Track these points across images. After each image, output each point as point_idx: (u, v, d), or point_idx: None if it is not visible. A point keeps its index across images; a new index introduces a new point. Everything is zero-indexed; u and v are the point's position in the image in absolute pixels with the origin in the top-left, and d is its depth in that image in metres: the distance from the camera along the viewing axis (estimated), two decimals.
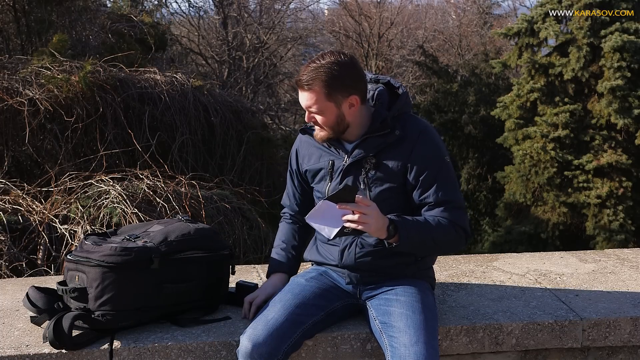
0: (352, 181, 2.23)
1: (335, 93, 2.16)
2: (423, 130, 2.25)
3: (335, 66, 2.15)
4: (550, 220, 11.80)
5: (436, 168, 2.22)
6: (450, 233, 2.20)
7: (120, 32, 7.58)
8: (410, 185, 2.23)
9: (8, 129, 5.21)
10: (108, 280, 2.19)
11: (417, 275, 2.34)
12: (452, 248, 2.30)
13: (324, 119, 2.20)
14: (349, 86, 2.18)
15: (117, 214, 4.03)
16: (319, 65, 2.15)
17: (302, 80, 2.16)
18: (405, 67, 21.09)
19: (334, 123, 2.20)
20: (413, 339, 2.08)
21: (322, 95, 2.15)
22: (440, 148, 2.26)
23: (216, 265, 2.44)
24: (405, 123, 2.24)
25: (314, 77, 2.14)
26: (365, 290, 2.33)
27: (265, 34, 16.71)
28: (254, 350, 2.07)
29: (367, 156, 2.23)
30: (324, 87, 2.14)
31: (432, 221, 2.18)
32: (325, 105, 2.17)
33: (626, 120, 11.29)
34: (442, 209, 2.20)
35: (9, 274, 3.72)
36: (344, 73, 2.16)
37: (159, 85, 6.02)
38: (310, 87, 2.15)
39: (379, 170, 2.23)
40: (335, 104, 2.18)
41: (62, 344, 2.12)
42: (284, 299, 2.23)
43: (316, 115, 2.20)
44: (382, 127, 2.21)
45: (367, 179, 2.23)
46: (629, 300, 2.59)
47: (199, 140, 6.16)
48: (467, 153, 15.22)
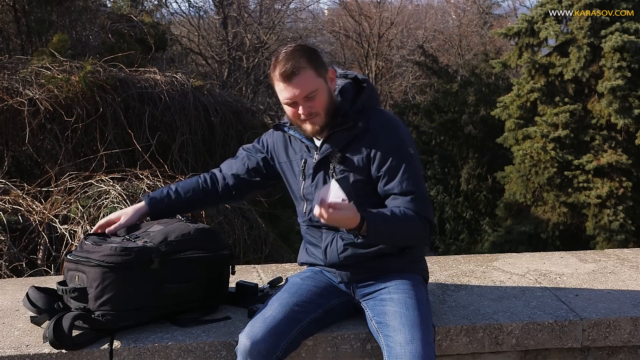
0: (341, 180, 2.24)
1: (320, 67, 2.20)
2: (386, 122, 2.25)
3: (305, 47, 2.22)
4: (550, 220, 11.81)
5: (399, 159, 2.21)
6: (416, 224, 2.19)
7: (120, 32, 7.58)
8: (375, 177, 2.24)
9: (8, 129, 5.20)
10: (108, 280, 2.19)
11: (409, 268, 2.33)
12: (419, 239, 2.29)
13: (320, 100, 2.19)
14: (323, 62, 2.23)
15: None
16: (292, 51, 2.18)
17: (287, 69, 2.14)
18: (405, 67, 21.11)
19: (328, 102, 2.21)
20: (408, 337, 2.09)
21: (313, 73, 2.16)
22: (404, 140, 2.25)
23: (216, 265, 2.44)
24: (369, 116, 2.25)
25: (298, 60, 2.15)
26: (359, 288, 2.33)
27: (265, 34, 16.72)
28: (253, 347, 2.08)
29: (333, 151, 2.24)
30: (311, 64, 2.16)
31: (399, 212, 2.18)
32: (317, 83, 2.17)
33: (626, 120, 11.30)
34: (406, 200, 2.20)
35: (9, 274, 3.72)
36: (314, 50, 2.24)
37: (159, 85, 6.02)
38: (300, 69, 2.14)
39: (344, 164, 2.24)
40: (324, 80, 2.20)
41: (62, 344, 2.12)
42: (281, 298, 2.24)
43: (311, 100, 2.18)
44: (345, 121, 2.22)
45: (335, 174, 2.25)
46: (629, 300, 2.59)
47: (199, 140, 6.16)
48: (467, 153, 15.23)
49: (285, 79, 2.15)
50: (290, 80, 2.15)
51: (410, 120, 16.33)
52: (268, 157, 2.47)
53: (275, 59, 2.19)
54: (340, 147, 2.23)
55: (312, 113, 2.19)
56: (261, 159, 2.49)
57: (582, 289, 2.72)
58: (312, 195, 2.29)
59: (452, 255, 3.34)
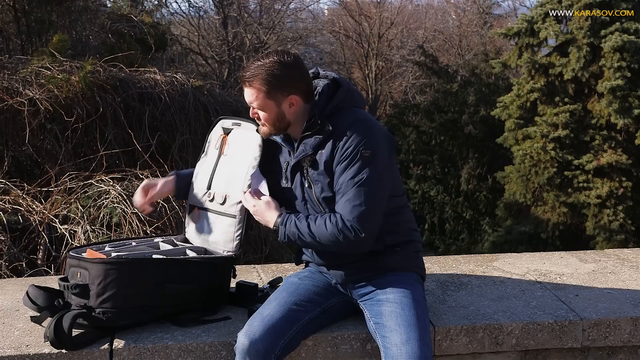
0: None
1: (275, 92, 2.20)
2: (352, 123, 2.21)
3: (276, 65, 2.18)
4: (550, 220, 11.81)
5: (350, 158, 2.17)
6: (329, 232, 2.15)
7: (120, 32, 7.57)
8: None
9: (8, 129, 5.20)
10: (110, 277, 2.19)
11: (404, 266, 2.32)
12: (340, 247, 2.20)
13: (265, 115, 2.24)
14: (289, 86, 2.20)
15: (117, 214, 4.04)
16: (262, 64, 2.19)
17: (244, 76, 2.21)
18: (405, 67, 21.11)
19: (275, 120, 2.24)
20: (404, 337, 2.08)
21: (262, 93, 2.20)
22: (364, 141, 2.17)
23: (218, 267, 2.45)
24: (339, 119, 2.23)
25: (254, 75, 2.18)
26: (355, 289, 2.33)
27: (265, 34, 16.73)
28: (251, 346, 2.08)
29: (306, 155, 2.25)
30: (264, 85, 2.18)
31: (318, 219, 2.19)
32: (265, 102, 2.21)
33: (626, 120, 11.30)
34: (342, 201, 2.17)
35: (9, 274, 3.72)
36: (285, 73, 2.19)
37: (159, 85, 6.02)
38: (251, 84, 2.20)
39: (315, 166, 2.25)
40: (275, 103, 2.21)
41: (62, 344, 2.12)
42: (279, 297, 2.25)
43: (258, 111, 2.25)
44: (312, 126, 2.23)
45: (309, 177, 2.27)
46: (629, 300, 2.59)
47: (199, 140, 6.15)
48: (467, 153, 15.23)
49: (241, 82, 2.24)
50: (243, 85, 2.23)
51: (410, 120, 16.33)
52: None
53: (253, 59, 2.25)
54: (311, 151, 2.24)
55: (259, 119, 2.27)
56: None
57: (582, 289, 2.72)
58: (292, 197, 2.32)
59: (452, 255, 3.34)
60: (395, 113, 16.77)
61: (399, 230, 2.31)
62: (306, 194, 2.28)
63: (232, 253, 2.45)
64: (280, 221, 2.24)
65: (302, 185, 2.29)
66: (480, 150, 15.12)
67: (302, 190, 2.29)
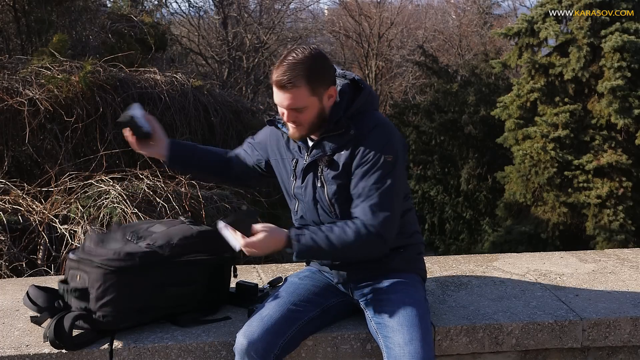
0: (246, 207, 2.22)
1: (318, 87, 2.14)
2: (374, 127, 2.20)
3: (312, 60, 2.13)
4: (550, 220, 11.82)
5: (371, 163, 2.16)
6: (353, 240, 2.12)
7: (120, 32, 7.57)
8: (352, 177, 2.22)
9: (8, 129, 5.20)
10: (110, 282, 2.18)
11: (406, 268, 2.33)
12: (363, 253, 2.21)
13: (307, 115, 2.16)
14: (327, 78, 2.17)
15: (117, 214, 4.03)
16: (297, 62, 2.11)
17: (282, 80, 2.10)
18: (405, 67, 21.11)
19: (315, 117, 2.18)
20: (406, 337, 2.08)
21: (307, 92, 2.12)
22: (385, 145, 2.18)
23: (218, 268, 2.44)
24: (362, 122, 2.21)
25: (295, 75, 2.10)
26: (357, 288, 2.32)
27: (265, 34, 16.73)
28: (250, 346, 2.08)
29: (323, 155, 2.23)
30: (308, 83, 2.11)
31: (338, 229, 2.13)
32: (308, 101, 2.14)
33: (626, 120, 11.30)
34: (362, 206, 2.15)
35: (9, 274, 3.72)
36: (321, 65, 2.16)
37: (159, 85, 6.02)
38: (294, 85, 2.11)
39: (331, 167, 2.22)
40: (318, 98, 2.16)
41: (62, 344, 2.12)
42: (278, 297, 2.25)
43: (298, 112, 2.16)
44: (337, 127, 2.20)
45: (324, 177, 2.23)
46: (629, 300, 2.59)
47: (199, 140, 6.15)
48: (467, 153, 15.23)
49: (278, 87, 2.13)
50: (282, 90, 2.13)
51: (410, 120, 16.32)
52: (262, 155, 2.46)
53: (279, 62, 2.15)
54: (330, 151, 2.22)
55: (296, 122, 2.18)
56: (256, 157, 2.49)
57: (582, 289, 2.72)
58: (302, 195, 2.29)
59: (452, 255, 3.34)
60: (395, 113, 16.76)
61: (404, 232, 2.31)
62: (317, 194, 2.25)
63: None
64: (294, 237, 2.12)
65: (314, 185, 2.25)
66: (480, 150, 15.12)
67: (314, 189, 2.26)
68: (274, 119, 2.35)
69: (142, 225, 2.44)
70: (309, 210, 2.29)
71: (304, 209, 2.31)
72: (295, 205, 2.35)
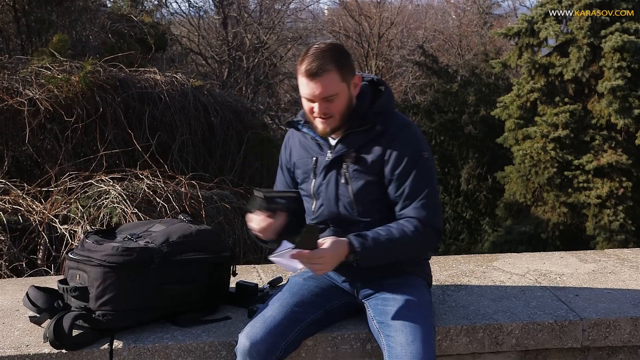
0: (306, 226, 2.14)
1: (346, 73, 2.18)
2: (403, 125, 2.25)
3: (336, 48, 2.20)
4: (550, 220, 11.80)
5: (412, 163, 2.21)
6: (415, 238, 2.17)
7: (120, 32, 7.58)
8: (387, 179, 2.23)
9: (8, 129, 5.20)
10: (109, 281, 2.19)
11: (414, 271, 2.34)
12: (423, 250, 2.31)
13: (338, 104, 2.18)
14: (352, 66, 2.22)
15: (117, 214, 4.03)
16: (323, 50, 2.15)
17: (312, 68, 2.13)
18: (405, 67, 21.09)
19: (345, 107, 2.20)
20: (409, 337, 2.08)
21: (337, 77, 2.15)
22: (419, 143, 2.25)
23: (217, 266, 2.44)
24: (386, 119, 2.25)
25: (326, 61, 2.13)
26: (363, 288, 2.33)
27: (265, 34, 16.72)
28: (252, 348, 2.07)
29: (348, 151, 2.24)
30: (338, 68, 2.15)
31: (396, 230, 2.16)
32: (339, 87, 2.16)
33: (626, 120, 11.29)
34: (415, 206, 2.20)
35: (9, 274, 3.72)
36: (345, 53, 2.22)
37: (159, 85, 6.02)
38: (325, 71, 2.13)
39: (359, 164, 2.23)
40: (347, 85, 2.19)
41: (62, 344, 2.12)
42: (281, 298, 2.24)
43: (329, 102, 2.17)
44: (363, 123, 2.22)
45: (349, 174, 2.24)
46: (629, 300, 2.59)
47: (199, 140, 6.16)
48: (467, 153, 15.22)
49: (308, 76, 2.14)
50: (313, 79, 2.14)
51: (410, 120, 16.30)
52: (289, 162, 2.42)
53: (305, 53, 2.17)
54: (355, 147, 2.23)
55: (327, 114, 2.19)
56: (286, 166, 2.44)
57: (582, 289, 2.72)
58: (323, 193, 2.28)
59: (452, 255, 3.34)
60: None
61: None
62: (340, 191, 2.25)
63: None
64: (358, 245, 2.11)
65: (337, 182, 2.26)
66: (480, 150, 15.10)
67: (336, 186, 2.26)
68: (293, 121, 2.37)
69: (140, 227, 2.44)
70: (329, 208, 2.28)
71: (323, 207, 2.30)
72: (313, 204, 2.33)
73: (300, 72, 2.16)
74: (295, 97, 18.52)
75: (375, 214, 2.25)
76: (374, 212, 2.25)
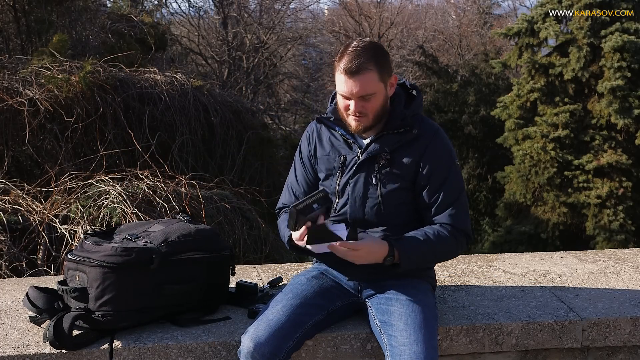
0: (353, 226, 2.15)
1: (384, 72, 2.18)
2: (437, 131, 2.28)
3: (377, 46, 2.19)
4: (550, 220, 11.80)
5: (446, 170, 2.24)
6: (450, 243, 2.24)
7: (120, 32, 7.58)
8: (419, 185, 2.24)
9: (8, 129, 5.20)
10: (109, 281, 2.19)
11: (419, 274, 2.34)
12: (454, 255, 2.36)
13: (374, 103, 2.18)
14: (390, 65, 2.23)
15: (117, 214, 4.03)
16: (365, 47, 2.14)
17: (352, 66, 2.12)
18: (405, 67, 21.08)
19: (381, 107, 2.20)
20: (412, 338, 2.08)
21: (376, 76, 2.15)
22: (452, 151, 2.29)
23: (217, 266, 2.44)
24: (422, 123, 2.27)
25: (366, 59, 2.12)
26: (367, 288, 2.32)
27: (265, 34, 16.71)
28: (256, 350, 2.06)
29: (382, 152, 2.23)
30: (377, 67, 2.15)
31: (433, 235, 2.20)
32: (377, 86, 2.16)
33: (626, 120, 11.29)
34: (447, 212, 2.24)
35: (9, 274, 3.72)
36: (384, 52, 2.21)
37: (159, 85, 6.02)
38: (365, 69, 2.12)
39: (393, 167, 2.24)
40: (384, 85, 2.19)
41: (62, 344, 2.12)
42: (285, 299, 2.23)
43: (365, 101, 2.17)
44: (402, 125, 2.23)
45: (380, 175, 2.24)
46: (629, 300, 2.59)
47: (199, 140, 6.16)
48: (467, 153, 15.22)
49: (347, 74, 2.14)
50: (352, 77, 2.14)
51: None
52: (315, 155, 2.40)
53: (344, 50, 2.17)
54: (390, 149, 2.23)
55: (362, 112, 2.19)
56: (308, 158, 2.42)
57: (582, 289, 2.72)
58: (350, 191, 2.27)
59: None
60: None
61: None
62: (369, 191, 2.25)
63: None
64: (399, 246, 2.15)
65: (367, 182, 2.25)
66: (480, 150, 15.10)
67: (365, 186, 2.25)
68: (323, 117, 2.35)
69: (139, 227, 2.44)
70: (354, 207, 2.27)
71: (347, 206, 2.28)
72: (336, 202, 2.31)
73: (339, 69, 2.15)
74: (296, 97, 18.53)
75: (397, 219, 2.26)
76: (397, 216, 2.26)
